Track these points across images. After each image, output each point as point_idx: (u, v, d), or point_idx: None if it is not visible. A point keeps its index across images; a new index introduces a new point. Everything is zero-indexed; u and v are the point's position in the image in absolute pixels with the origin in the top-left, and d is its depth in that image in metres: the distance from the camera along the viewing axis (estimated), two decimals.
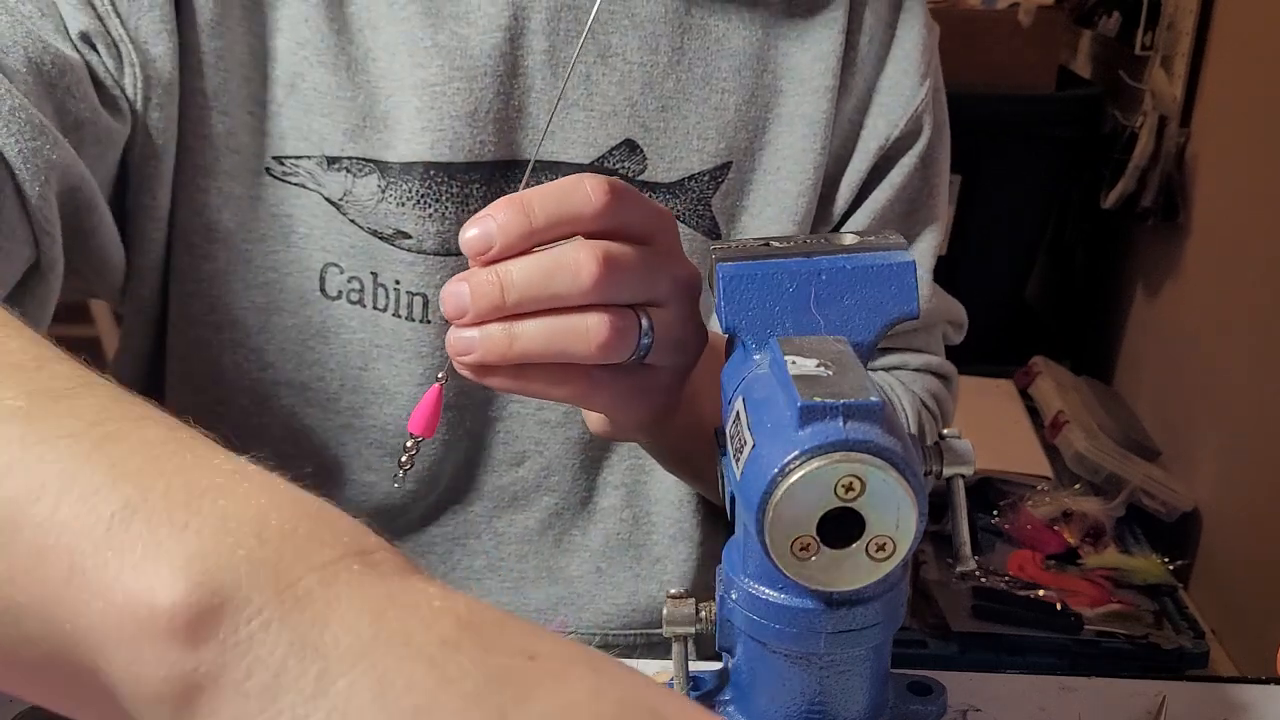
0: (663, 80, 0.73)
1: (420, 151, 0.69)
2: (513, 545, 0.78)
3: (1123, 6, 2.44)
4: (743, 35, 0.74)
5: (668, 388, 0.59)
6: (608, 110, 0.72)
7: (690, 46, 0.73)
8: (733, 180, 0.76)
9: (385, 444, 0.74)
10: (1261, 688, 0.63)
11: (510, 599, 0.78)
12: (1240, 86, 2.07)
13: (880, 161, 0.79)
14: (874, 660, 0.50)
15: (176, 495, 0.31)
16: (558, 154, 0.72)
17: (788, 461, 0.43)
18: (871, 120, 0.78)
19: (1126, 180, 2.25)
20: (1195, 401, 2.14)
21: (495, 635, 0.30)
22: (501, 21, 0.69)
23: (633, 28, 0.72)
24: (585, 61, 0.72)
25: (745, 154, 0.76)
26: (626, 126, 0.73)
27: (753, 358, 0.51)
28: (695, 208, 0.75)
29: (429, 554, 0.77)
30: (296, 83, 0.69)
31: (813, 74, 0.75)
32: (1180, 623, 1.79)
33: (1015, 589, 1.79)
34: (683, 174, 0.74)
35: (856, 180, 0.79)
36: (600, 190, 0.52)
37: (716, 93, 0.74)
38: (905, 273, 0.52)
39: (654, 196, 0.74)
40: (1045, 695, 0.61)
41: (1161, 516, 2.04)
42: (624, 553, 0.80)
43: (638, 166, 0.74)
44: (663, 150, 0.74)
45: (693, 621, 0.52)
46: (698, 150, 0.74)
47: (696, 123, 0.74)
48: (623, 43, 0.72)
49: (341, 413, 0.73)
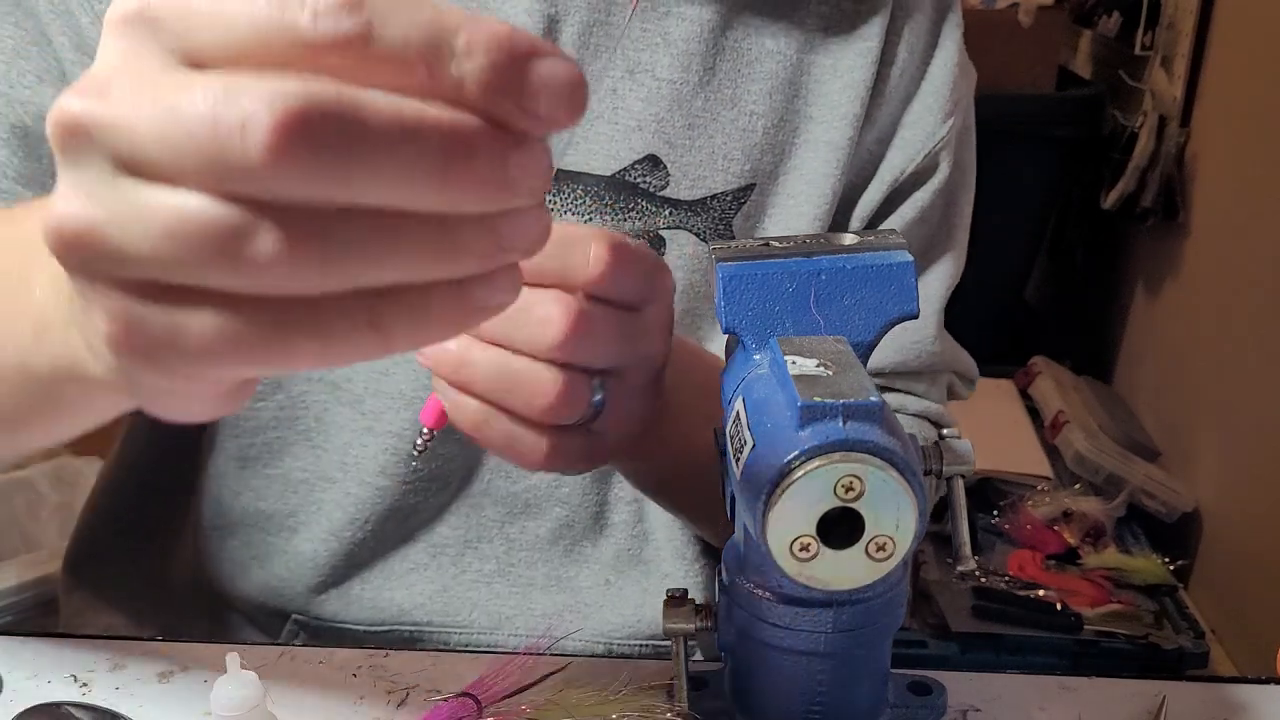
0: (692, 99, 0.73)
1: None
2: (523, 552, 0.79)
3: (1123, 6, 2.44)
4: (777, 60, 0.75)
5: (607, 452, 0.57)
6: (632, 124, 0.72)
7: (722, 67, 0.74)
8: (754, 201, 0.76)
9: (400, 450, 0.74)
10: (1261, 688, 0.63)
11: (518, 604, 0.78)
12: (1240, 86, 2.07)
13: (892, 194, 0.79)
14: (874, 660, 0.50)
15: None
16: (580, 165, 0.72)
17: (788, 461, 0.43)
18: (891, 153, 0.79)
19: (1126, 180, 2.25)
20: (1195, 401, 2.14)
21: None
22: (536, 31, 0.69)
23: (665, 46, 0.72)
24: (612, 76, 0.72)
25: (769, 176, 0.76)
26: (651, 142, 0.73)
27: (753, 358, 0.51)
28: (716, 226, 0.75)
29: (441, 555, 0.78)
30: None
31: (842, 101, 0.75)
32: (1180, 623, 1.79)
33: (1015, 589, 1.79)
34: (706, 192, 0.74)
35: (867, 212, 0.79)
36: (600, 258, 0.50)
37: (745, 115, 0.74)
38: (905, 273, 0.52)
39: (675, 213, 0.74)
40: (1045, 695, 0.61)
41: (1161, 516, 2.04)
42: (633, 567, 0.80)
43: (660, 182, 0.74)
44: (687, 168, 0.74)
45: (692, 621, 0.52)
46: (722, 170, 0.75)
47: (723, 143, 0.74)
48: (653, 60, 0.72)
49: (365, 415, 0.74)
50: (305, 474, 0.76)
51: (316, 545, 0.76)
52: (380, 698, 0.59)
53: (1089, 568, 1.86)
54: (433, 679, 0.61)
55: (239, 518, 0.77)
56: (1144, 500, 2.04)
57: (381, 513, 0.75)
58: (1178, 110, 2.21)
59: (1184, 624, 1.78)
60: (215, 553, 0.78)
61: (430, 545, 0.78)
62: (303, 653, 0.63)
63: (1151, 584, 1.85)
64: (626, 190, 0.73)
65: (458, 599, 0.78)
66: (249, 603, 0.78)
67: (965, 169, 0.82)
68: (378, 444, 0.74)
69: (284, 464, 0.76)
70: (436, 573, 0.78)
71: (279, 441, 0.75)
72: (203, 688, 0.59)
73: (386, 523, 0.76)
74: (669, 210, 0.74)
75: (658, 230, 0.74)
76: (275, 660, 0.62)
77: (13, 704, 0.58)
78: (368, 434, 0.75)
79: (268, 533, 0.77)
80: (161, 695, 0.59)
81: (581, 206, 0.73)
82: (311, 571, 0.76)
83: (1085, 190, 2.47)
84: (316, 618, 0.77)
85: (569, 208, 0.72)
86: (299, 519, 0.76)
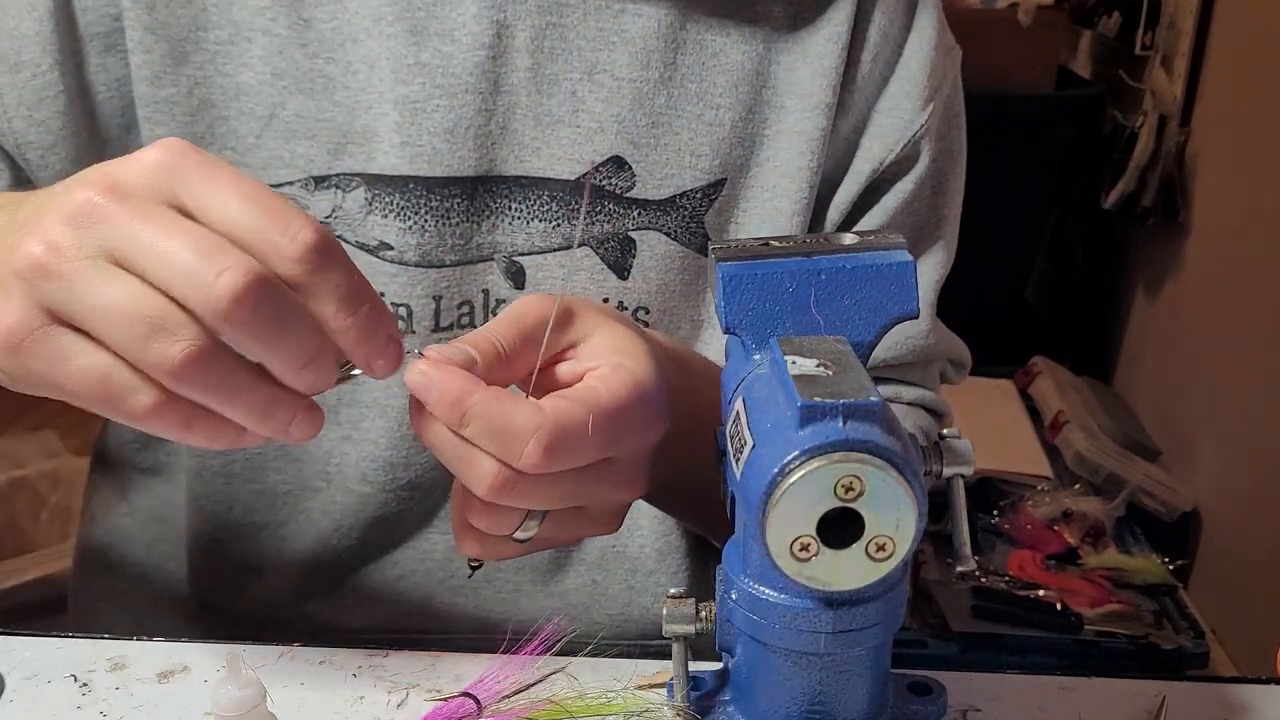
0: (653, 96, 0.72)
1: (399, 165, 0.69)
2: None
3: (1123, 6, 2.44)
4: (742, 50, 0.73)
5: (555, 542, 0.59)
6: (594, 126, 0.72)
7: (684, 62, 0.73)
8: (727, 196, 0.75)
9: (379, 457, 0.74)
10: (1261, 688, 0.63)
11: (505, 608, 0.78)
12: (1240, 86, 2.07)
13: (873, 184, 0.78)
14: (874, 660, 0.50)
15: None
16: (543, 170, 0.72)
17: (788, 461, 0.43)
18: (867, 142, 0.77)
19: (1126, 180, 2.25)
20: (1195, 401, 2.14)
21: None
22: (485, 40, 0.69)
23: (622, 44, 0.72)
24: (570, 79, 0.71)
25: (740, 170, 0.75)
26: (614, 143, 0.72)
27: (753, 358, 0.51)
28: (688, 224, 0.74)
29: (428, 560, 0.78)
30: (276, 112, 0.69)
31: (813, 89, 0.74)
32: (1180, 623, 1.79)
33: (1015, 589, 1.80)
34: (674, 191, 0.74)
35: (845, 203, 0.78)
36: (534, 455, 0.49)
37: (711, 109, 0.73)
38: (905, 272, 0.52)
39: (644, 213, 0.74)
40: (1045, 695, 0.61)
41: (1161, 516, 2.04)
42: (619, 565, 0.79)
43: (625, 183, 0.73)
44: (653, 167, 0.73)
45: (692, 621, 0.52)
46: (690, 167, 0.74)
47: (689, 139, 0.73)
48: (611, 59, 0.71)
49: (342, 424, 0.74)
50: (289, 485, 0.76)
51: (305, 553, 0.76)
52: (380, 698, 0.59)
53: (1089, 568, 1.87)
54: (433, 679, 0.61)
55: (234, 531, 0.77)
56: (1144, 500, 2.04)
57: (366, 520, 0.75)
58: (1178, 110, 2.21)
59: (1184, 624, 1.79)
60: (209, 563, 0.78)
61: (418, 552, 0.78)
62: (303, 653, 0.63)
63: (1151, 584, 1.86)
64: (592, 194, 0.73)
65: (445, 605, 0.78)
66: (243, 612, 0.78)
67: (953, 154, 0.80)
68: (357, 451, 0.74)
69: (267, 478, 0.76)
70: (424, 579, 0.77)
71: (259, 457, 0.75)
72: (203, 688, 0.59)
73: (371, 530, 0.76)
74: (637, 211, 0.73)
75: (627, 232, 0.74)
76: (275, 660, 0.62)
77: (13, 704, 0.58)
78: (346, 442, 0.74)
79: (260, 542, 0.77)
80: (161, 695, 0.59)
81: (548, 212, 0.72)
82: (301, 579, 0.76)
83: (1085, 190, 2.47)
84: (309, 625, 0.77)
85: (535, 214, 0.72)
86: (289, 528, 0.76)
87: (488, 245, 0.72)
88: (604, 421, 0.51)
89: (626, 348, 0.55)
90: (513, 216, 0.72)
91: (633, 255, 0.74)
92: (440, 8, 0.69)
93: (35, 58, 0.68)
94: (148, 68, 0.69)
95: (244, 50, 0.69)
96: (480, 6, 0.69)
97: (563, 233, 0.73)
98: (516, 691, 0.57)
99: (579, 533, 0.59)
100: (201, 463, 0.75)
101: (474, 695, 0.56)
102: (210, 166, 0.46)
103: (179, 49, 0.69)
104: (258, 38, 0.69)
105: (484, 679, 0.57)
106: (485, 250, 0.72)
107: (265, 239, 0.45)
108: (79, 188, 0.46)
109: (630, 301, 0.75)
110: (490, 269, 0.73)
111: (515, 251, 0.73)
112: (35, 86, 0.68)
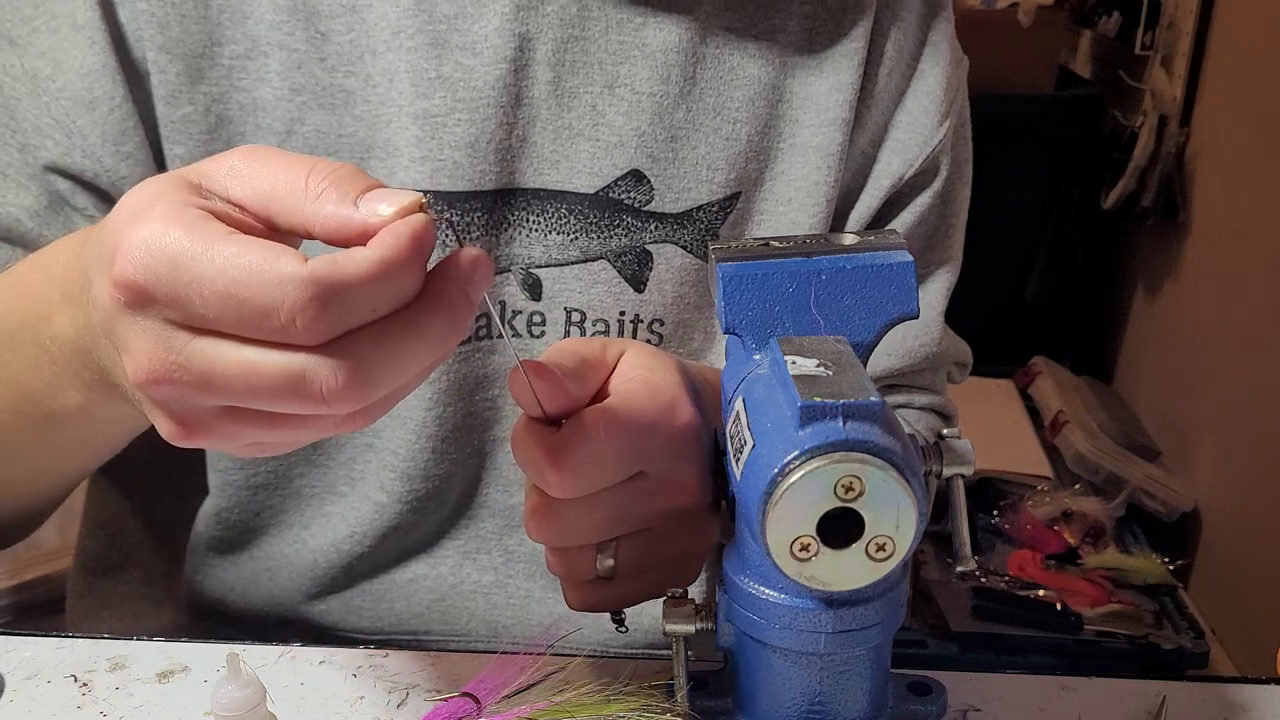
0: (673, 110, 0.72)
1: (419, 180, 0.69)
2: (521, 564, 0.78)
3: (1123, 6, 2.44)
4: (759, 65, 0.74)
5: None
6: (614, 140, 0.72)
7: (703, 76, 0.73)
8: (741, 210, 0.75)
9: (397, 467, 0.74)
10: (1261, 688, 0.63)
11: (515, 615, 0.78)
12: (1240, 86, 2.07)
13: (892, 198, 0.78)
14: (874, 660, 0.50)
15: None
16: (562, 183, 0.72)
17: (788, 461, 0.43)
18: (886, 156, 0.78)
19: (1126, 180, 2.25)
20: (1195, 401, 2.14)
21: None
22: (507, 53, 0.69)
23: (643, 58, 0.71)
24: (591, 92, 0.71)
25: (755, 184, 0.75)
26: (633, 157, 0.72)
27: (753, 358, 0.51)
28: (703, 238, 0.74)
29: (440, 566, 0.77)
30: (294, 128, 0.69)
31: (829, 105, 0.74)
32: (1180, 623, 1.79)
33: (1015, 589, 1.80)
34: (691, 204, 0.74)
35: (865, 216, 0.78)
36: (561, 484, 0.51)
37: (728, 123, 0.73)
38: (905, 272, 0.52)
39: (661, 227, 0.74)
40: (1045, 695, 0.61)
41: (1161, 516, 2.04)
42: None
43: (644, 197, 0.73)
44: (671, 181, 0.73)
45: (692, 621, 0.52)
46: (707, 181, 0.74)
47: (706, 153, 0.73)
48: (631, 73, 0.71)
49: (365, 433, 0.74)
50: (315, 489, 0.76)
51: (318, 556, 0.76)
52: (380, 698, 0.59)
53: (1089, 568, 1.87)
54: (433, 679, 0.61)
55: (255, 535, 0.77)
56: (1144, 500, 2.05)
57: (381, 529, 0.75)
58: (1178, 110, 2.21)
59: (1184, 624, 1.78)
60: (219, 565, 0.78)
61: (430, 558, 0.78)
62: (303, 653, 0.63)
63: (1151, 584, 1.85)
64: (610, 207, 0.72)
65: (455, 609, 0.78)
66: (250, 611, 0.78)
67: (962, 165, 0.81)
68: (378, 460, 0.74)
69: (292, 483, 0.76)
70: (435, 583, 0.77)
71: (282, 465, 0.75)
72: (203, 688, 0.60)
73: (386, 539, 0.76)
74: (654, 225, 0.73)
75: (644, 245, 0.74)
76: (275, 660, 0.62)
77: (13, 704, 0.58)
78: (369, 450, 0.74)
79: (279, 543, 0.77)
80: (161, 695, 0.59)
81: (566, 225, 0.72)
82: (312, 581, 0.76)
83: (1085, 190, 2.47)
84: (316, 625, 0.77)
85: (553, 227, 0.72)
86: (310, 531, 0.76)
87: (505, 257, 0.72)
88: (616, 426, 0.51)
89: (648, 362, 0.55)
90: (530, 229, 0.72)
91: (649, 268, 0.74)
92: (462, 20, 0.69)
93: (108, 90, 0.67)
94: (164, 87, 0.68)
95: (261, 65, 0.69)
96: (503, 19, 0.69)
97: (580, 245, 0.73)
98: (516, 691, 0.57)
99: (658, 576, 0.58)
100: (224, 478, 0.75)
101: (474, 695, 0.56)
102: (183, 275, 0.41)
103: (194, 66, 0.68)
104: (275, 52, 0.68)
105: (484, 679, 0.57)
106: (502, 262, 0.72)
107: (258, 329, 0.41)
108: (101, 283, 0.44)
109: (646, 314, 0.75)
110: (507, 280, 0.73)
111: (532, 264, 0.73)
112: (115, 119, 0.68)
